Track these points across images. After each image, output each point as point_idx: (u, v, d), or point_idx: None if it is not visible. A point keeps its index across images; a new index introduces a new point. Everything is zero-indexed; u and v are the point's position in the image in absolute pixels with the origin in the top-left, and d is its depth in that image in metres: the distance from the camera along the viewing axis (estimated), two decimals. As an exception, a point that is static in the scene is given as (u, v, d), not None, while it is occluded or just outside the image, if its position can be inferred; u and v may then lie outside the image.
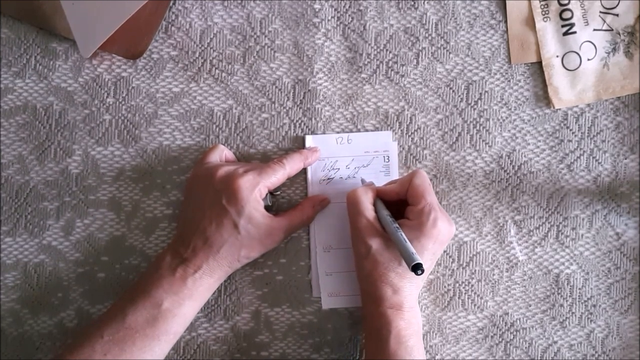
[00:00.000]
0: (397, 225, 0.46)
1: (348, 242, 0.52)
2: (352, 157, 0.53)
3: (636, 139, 0.53)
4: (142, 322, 0.45)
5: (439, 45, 0.53)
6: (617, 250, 0.53)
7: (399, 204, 0.49)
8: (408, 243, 0.44)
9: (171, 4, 0.53)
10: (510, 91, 0.53)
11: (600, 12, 0.53)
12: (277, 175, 0.48)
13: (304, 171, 0.52)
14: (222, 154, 0.51)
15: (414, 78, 0.53)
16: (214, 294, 0.51)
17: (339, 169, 0.53)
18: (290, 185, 0.53)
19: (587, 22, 0.53)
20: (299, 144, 0.53)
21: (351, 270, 0.52)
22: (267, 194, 0.49)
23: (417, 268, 0.43)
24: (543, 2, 0.53)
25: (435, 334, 0.53)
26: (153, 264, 0.48)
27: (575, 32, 0.53)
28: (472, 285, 0.53)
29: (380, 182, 0.52)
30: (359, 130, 0.53)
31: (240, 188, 0.46)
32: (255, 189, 0.46)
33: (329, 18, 0.53)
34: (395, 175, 0.53)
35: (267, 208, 0.49)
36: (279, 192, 0.52)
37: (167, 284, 0.46)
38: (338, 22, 0.53)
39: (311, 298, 0.53)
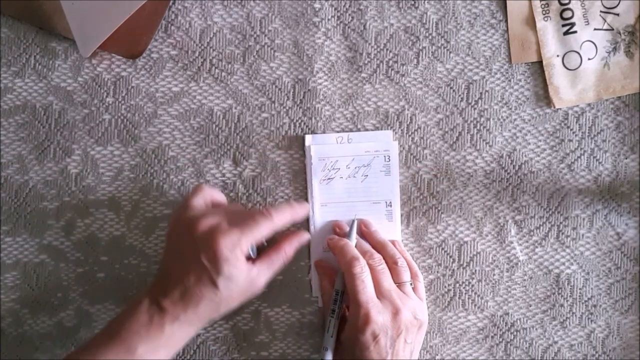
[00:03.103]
0: (336, 309, 0.48)
1: None
2: (352, 156, 0.52)
3: (637, 139, 0.53)
4: None
5: (440, 45, 0.53)
6: (618, 250, 0.53)
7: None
8: (328, 335, 0.47)
9: (171, 3, 0.53)
10: (511, 91, 0.53)
11: (601, 11, 0.53)
12: (261, 231, 0.45)
13: (304, 171, 0.52)
14: (206, 196, 0.48)
15: (414, 77, 0.53)
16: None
17: (339, 168, 0.52)
18: (288, 185, 0.53)
19: (587, 21, 0.53)
20: (298, 143, 0.53)
21: None
22: (251, 246, 0.47)
23: None
24: (543, 2, 0.53)
25: (436, 334, 0.53)
26: (128, 309, 0.45)
27: (575, 32, 0.53)
28: (473, 286, 0.53)
29: (381, 182, 0.52)
30: (359, 130, 0.53)
31: (220, 248, 0.43)
32: (236, 249, 0.44)
33: (329, 17, 0.53)
34: (395, 174, 0.52)
35: (250, 257, 0.47)
36: (265, 244, 0.49)
37: (144, 331, 0.44)
38: (338, 22, 0.53)
39: (311, 298, 0.53)
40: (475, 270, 0.53)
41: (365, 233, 0.51)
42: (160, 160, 0.53)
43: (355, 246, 0.49)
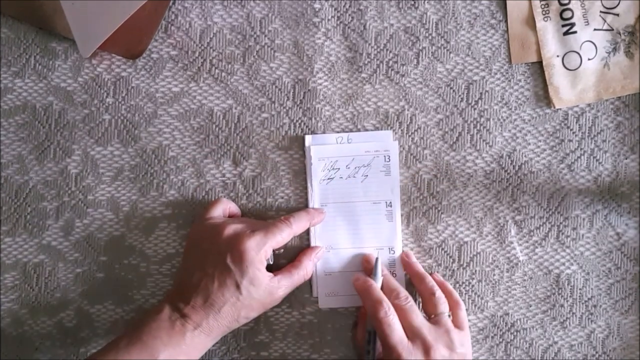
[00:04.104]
0: (370, 349, 0.48)
1: (347, 243, 0.52)
2: (352, 156, 0.52)
3: (636, 139, 0.53)
4: None
5: (439, 45, 0.53)
6: (618, 250, 0.53)
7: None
8: None
9: (171, 3, 0.53)
10: (511, 91, 0.53)
11: (601, 11, 0.53)
12: (283, 235, 0.48)
13: (304, 171, 0.52)
14: (225, 208, 0.51)
15: (414, 78, 0.53)
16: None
17: (339, 168, 0.52)
18: (288, 185, 0.53)
19: (587, 21, 0.53)
20: (298, 144, 0.53)
21: (349, 270, 0.52)
22: (271, 254, 0.49)
23: None
24: (543, 2, 0.53)
25: (436, 334, 0.53)
26: (149, 315, 0.46)
27: (575, 32, 0.53)
28: (473, 286, 0.53)
29: (381, 182, 0.52)
30: (358, 130, 0.53)
31: (247, 249, 0.45)
32: (261, 251, 0.46)
33: (329, 17, 0.53)
34: (395, 175, 0.52)
35: (269, 265, 0.49)
36: (281, 250, 0.52)
37: (166, 336, 0.44)
38: (338, 22, 0.53)
39: (311, 298, 0.53)
40: (475, 271, 0.53)
41: (405, 264, 0.52)
42: (160, 160, 0.53)
43: (383, 284, 0.49)
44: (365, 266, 0.52)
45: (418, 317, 0.47)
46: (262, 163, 0.53)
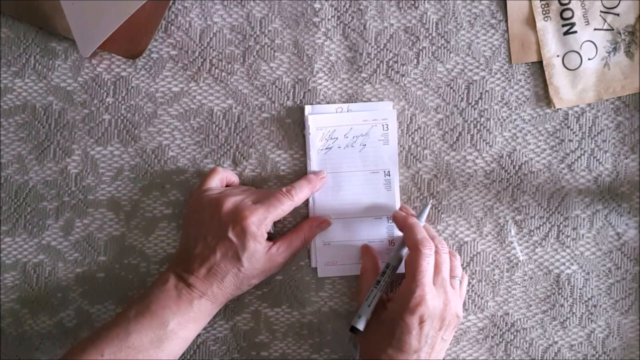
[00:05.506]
0: (382, 281, 0.48)
1: (345, 213, 0.52)
2: (350, 126, 0.52)
3: (637, 139, 0.53)
4: (146, 343, 0.44)
5: (440, 45, 0.53)
6: (618, 250, 0.53)
7: None
8: (365, 304, 0.47)
9: (171, 3, 0.53)
10: (511, 91, 0.53)
11: (601, 11, 0.53)
12: (284, 208, 0.48)
13: (303, 141, 0.52)
14: (222, 177, 0.51)
15: (414, 77, 0.53)
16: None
17: (337, 138, 0.52)
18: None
19: (587, 21, 0.53)
20: (298, 143, 0.53)
21: (348, 240, 0.52)
22: (271, 225, 0.49)
23: (352, 330, 0.47)
24: (544, 2, 0.53)
25: (436, 334, 0.53)
26: (155, 285, 0.47)
27: (575, 32, 0.53)
28: (473, 286, 0.53)
29: (379, 151, 0.52)
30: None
31: (249, 224, 0.46)
32: (262, 225, 0.47)
33: (329, 17, 0.53)
34: (394, 143, 0.52)
35: (269, 234, 0.49)
36: (281, 220, 0.52)
37: (174, 305, 0.45)
38: (338, 22, 0.53)
39: (311, 298, 0.53)
40: (476, 270, 0.53)
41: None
42: (160, 160, 0.53)
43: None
44: (396, 215, 0.50)
45: (447, 270, 0.47)
46: (262, 163, 0.53)
